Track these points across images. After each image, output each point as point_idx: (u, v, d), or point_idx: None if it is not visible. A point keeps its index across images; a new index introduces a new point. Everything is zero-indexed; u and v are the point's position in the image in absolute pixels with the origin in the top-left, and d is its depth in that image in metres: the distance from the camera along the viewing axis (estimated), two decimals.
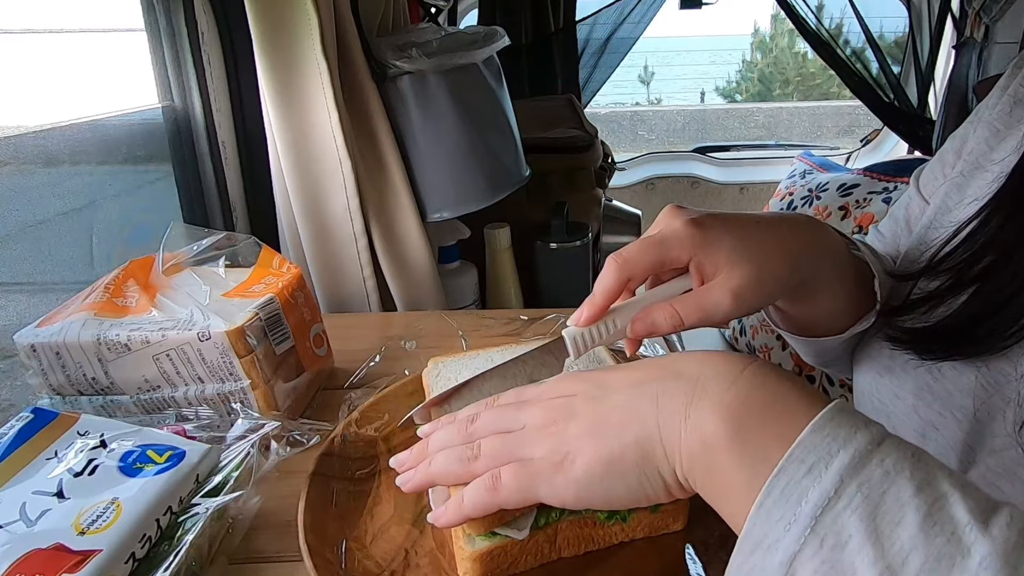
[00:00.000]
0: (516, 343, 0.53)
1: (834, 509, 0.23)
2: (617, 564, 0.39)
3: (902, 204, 0.52)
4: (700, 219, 0.36)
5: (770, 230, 0.37)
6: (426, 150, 0.83)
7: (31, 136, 0.69)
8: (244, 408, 0.50)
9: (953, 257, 0.39)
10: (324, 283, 0.82)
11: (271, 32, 0.71)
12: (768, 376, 0.29)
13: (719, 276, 0.35)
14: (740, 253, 0.35)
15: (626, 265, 0.36)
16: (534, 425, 0.33)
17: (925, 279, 0.41)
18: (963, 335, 0.37)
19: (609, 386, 0.33)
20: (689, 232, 0.35)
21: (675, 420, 0.29)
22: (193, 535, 0.37)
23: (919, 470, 0.23)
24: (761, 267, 0.35)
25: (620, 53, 1.90)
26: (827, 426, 0.25)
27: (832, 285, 0.40)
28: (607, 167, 1.23)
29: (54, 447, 0.41)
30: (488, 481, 0.32)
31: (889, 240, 0.52)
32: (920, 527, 0.22)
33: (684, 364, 0.31)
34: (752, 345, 1.35)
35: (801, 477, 0.24)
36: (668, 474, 0.29)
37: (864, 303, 0.43)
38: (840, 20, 1.80)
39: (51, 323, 0.50)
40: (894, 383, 0.42)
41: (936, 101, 1.73)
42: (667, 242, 0.35)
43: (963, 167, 0.44)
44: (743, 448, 0.26)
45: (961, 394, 0.38)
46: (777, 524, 0.24)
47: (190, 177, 0.86)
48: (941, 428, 0.39)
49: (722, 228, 0.36)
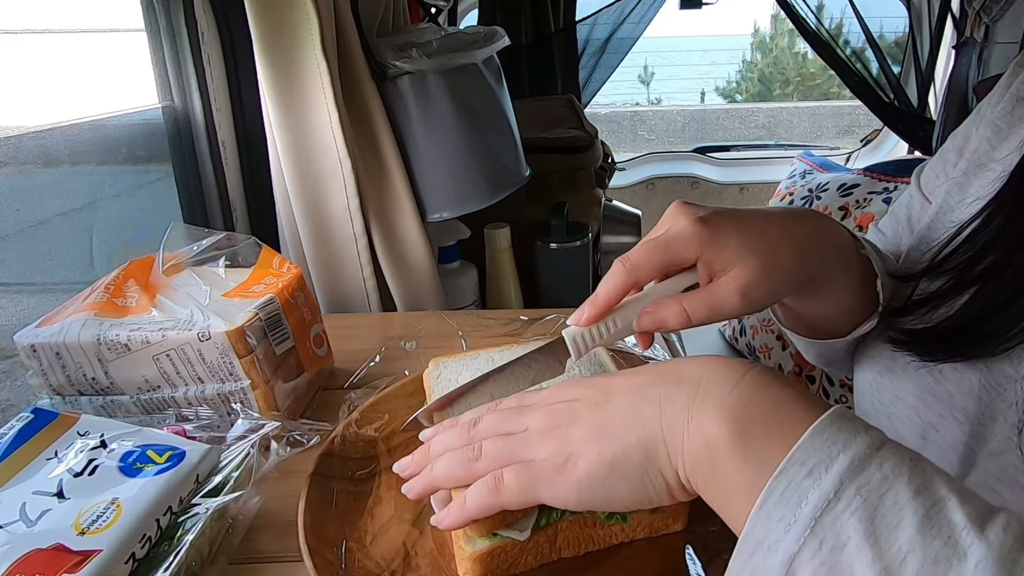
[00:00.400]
0: (516, 343, 0.53)
1: (833, 511, 0.23)
2: (617, 564, 0.39)
3: (903, 202, 0.52)
4: (707, 216, 0.36)
5: (777, 225, 0.37)
6: (426, 150, 0.83)
7: (31, 136, 0.69)
8: (244, 408, 0.50)
9: (954, 257, 0.39)
10: (324, 283, 0.82)
11: (271, 32, 0.71)
12: (769, 381, 0.29)
13: (727, 273, 0.35)
14: (748, 250, 0.35)
15: (634, 270, 0.36)
16: (536, 428, 0.34)
17: (927, 280, 0.41)
18: (964, 336, 0.37)
19: (611, 391, 0.33)
20: (696, 230, 0.35)
21: (678, 423, 0.29)
22: (193, 535, 0.37)
23: (917, 474, 0.24)
24: (769, 264, 0.35)
25: (620, 53, 1.90)
26: (827, 430, 0.25)
27: (839, 281, 0.40)
28: (607, 167, 1.23)
29: (54, 447, 0.41)
30: (490, 482, 0.32)
31: (890, 238, 0.52)
32: (918, 530, 0.22)
33: (685, 369, 0.31)
34: (752, 345, 1.35)
35: (801, 479, 0.24)
36: (671, 476, 0.30)
37: (868, 303, 0.42)
38: (840, 20, 1.80)
39: (51, 323, 0.50)
40: (895, 384, 0.42)
41: (936, 101, 1.73)
42: (674, 243, 0.35)
43: (965, 166, 0.44)
44: (745, 450, 0.27)
45: (963, 396, 0.38)
46: (777, 525, 0.24)
47: (190, 177, 0.86)
48: (942, 430, 0.39)
49: (730, 225, 0.35)
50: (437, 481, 0.35)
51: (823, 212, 1.19)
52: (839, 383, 1.14)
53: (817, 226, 0.38)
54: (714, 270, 0.35)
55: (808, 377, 1.20)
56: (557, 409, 0.34)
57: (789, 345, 1.24)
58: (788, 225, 0.37)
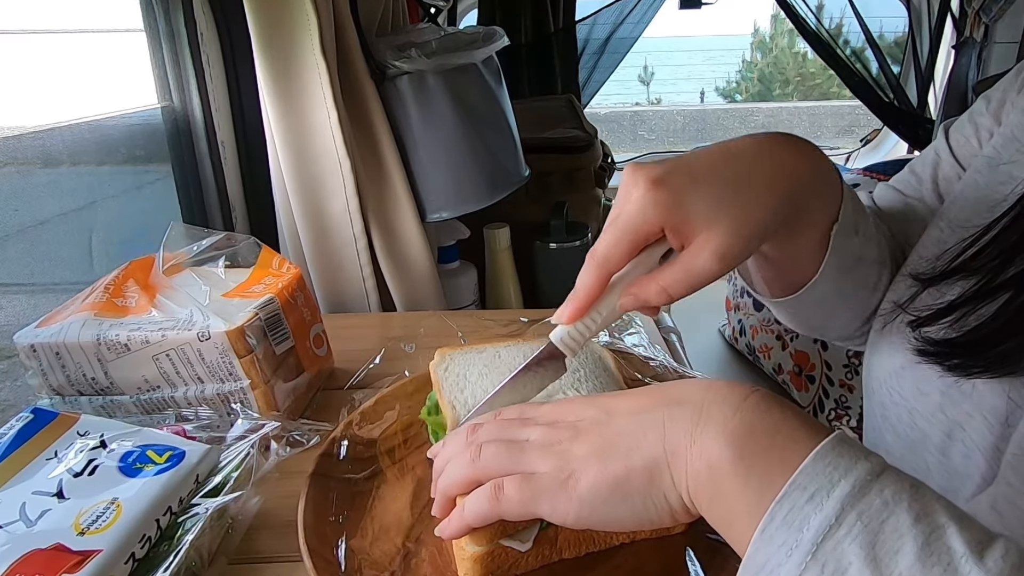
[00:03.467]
0: (519, 341, 0.52)
1: (835, 536, 0.23)
2: (618, 565, 0.39)
3: (928, 161, 0.49)
4: (661, 178, 0.33)
5: (748, 171, 0.34)
6: (425, 150, 0.83)
7: (31, 136, 0.69)
8: (244, 408, 0.50)
9: (983, 256, 0.38)
10: (324, 283, 0.82)
11: (270, 32, 0.71)
12: (772, 405, 0.29)
13: (699, 237, 0.33)
14: (715, 209, 0.33)
15: (605, 263, 0.35)
16: (538, 442, 0.33)
17: (953, 281, 0.39)
18: (991, 350, 0.36)
19: (614, 412, 0.33)
20: (653, 199, 0.33)
21: (681, 445, 0.29)
22: (193, 535, 0.37)
23: (917, 501, 0.24)
24: (742, 220, 0.33)
25: (620, 53, 1.90)
26: (829, 455, 0.26)
27: (813, 218, 0.38)
28: (607, 167, 1.23)
29: (54, 447, 0.41)
30: (490, 490, 0.32)
31: (911, 197, 0.50)
32: (918, 556, 0.22)
33: (687, 391, 0.31)
34: (752, 345, 1.35)
35: (803, 504, 0.24)
36: (675, 500, 0.29)
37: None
38: (840, 20, 1.79)
39: (51, 323, 0.50)
40: (919, 378, 0.41)
41: (936, 101, 1.73)
42: (634, 223, 0.33)
43: (1001, 141, 0.42)
44: (747, 473, 0.27)
45: (992, 394, 0.37)
46: (779, 549, 0.24)
47: (189, 177, 0.86)
48: (969, 428, 0.38)
49: (689, 184, 0.33)
50: (443, 490, 0.35)
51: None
52: (839, 383, 1.14)
53: (795, 159, 0.35)
54: (683, 235, 0.33)
55: (808, 377, 1.20)
56: (559, 426, 0.34)
57: (789, 345, 1.24)
58: (761, 167, 0.34)
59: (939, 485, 0.40)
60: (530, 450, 0.33)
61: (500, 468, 0.33)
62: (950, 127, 0.49)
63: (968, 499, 0.38)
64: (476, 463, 0.34)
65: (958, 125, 0.48)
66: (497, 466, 0.33)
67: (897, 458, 0.44)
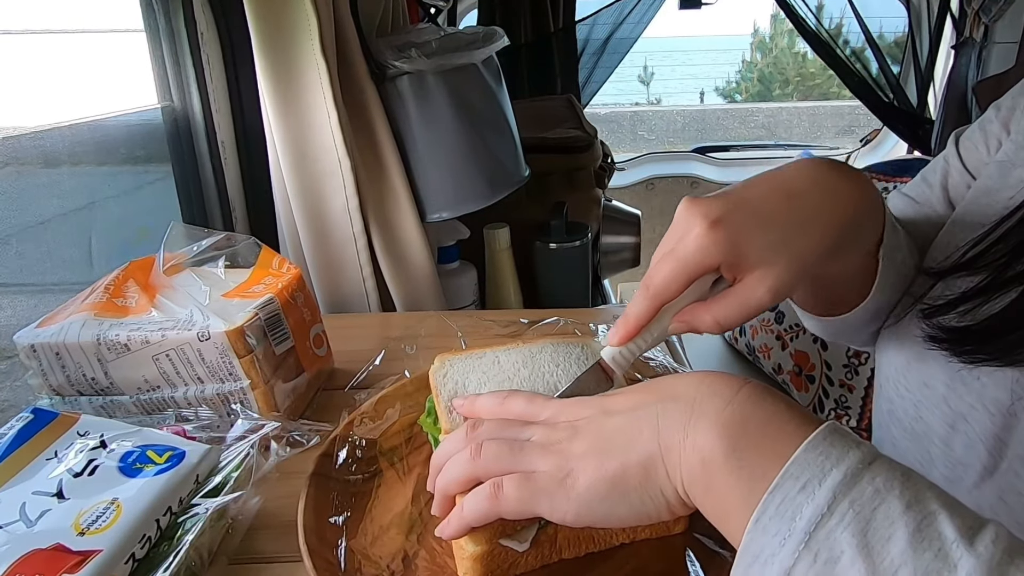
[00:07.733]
0: (519, 343, 0.52)
1: (827, 525, 0.24)
2: (618, 565, 0.39)
3: (938, 169, 0.50)
4: (722, 216, 0.33)
5: (810, 213, 0.34)
6: (425, 150, 0.83)
7: (31, 136, 0.69)
8: (244, 408, 0.50)
9: (992, 252, 0.38)
10: (324, 283, 0.82)
11: (270, 32, 0.71)
12: (763, 397, 0.29)
13: (755, 273, 0.34)
14: (773, 250, 0.33)
15: (658, 296, 0.35)
16: (538, 441, 0.34)
17: (964, 275, 0.40)
18: (1002, 339, 0.36)
19: (610, 409, 0.33)
20: (712, 239, 0.33)
21: (675, 439, 0.30)
22: (193, 535, 0.37)
23: (908, 488, 0.24)
24: (798, 256, 0.34)
25: (620, 53, 1.90)
26: (820, 445, 0.26)
27: (862, 249, 0.39)
28: (607, 167, 1.23)
29: (54, 447, 0.41)
30: (489, 489, 0.33)
31: (921, 203, 0.50)
32: (909, 543, 0.23)
33: (680, 386, 0.32)
34: (751, 345, 1.35)
35: (796, 493, 0.25)
36: (670, 493, 0.30)
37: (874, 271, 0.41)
38: (840, 20, 1.80)
39: (51, 323, 0.50)
40: (925, 371, 0.42)
41: (935, 101, 1.73)
42: (694, 260, 0.34)
43: (1012, 148, 0.43)
44: (740, 464, 0.27)
45: (996, 386, 0.37)
46: (773, 539, 0.25)
47: (189, 178, 0.86)
48: (972, 420, 0.39)
49: (750, 225, 0.34)
50: (442, 487, 0.35)
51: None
52: (839, 383, 1.14)
53: (850, 191, 0.36)
54: (739, 271, 0.34)
55: (808, 377, 1.20)
56: (558, 427, 0.34)
57: (789, 345, 1.24)
58: (822, 207, 0.35)
59: (942, 475, 0.41)
60: (530, 449, 0.33)
61: (500, 466, 0.33)
62: (960, 135, 0.49)
63: (970, 488, 0.39)
64: (476, 461, 0.34)
65: (968, 133, 0.49)
66: (497, 464, 0.33)
67: (902, 450, 0.45)
